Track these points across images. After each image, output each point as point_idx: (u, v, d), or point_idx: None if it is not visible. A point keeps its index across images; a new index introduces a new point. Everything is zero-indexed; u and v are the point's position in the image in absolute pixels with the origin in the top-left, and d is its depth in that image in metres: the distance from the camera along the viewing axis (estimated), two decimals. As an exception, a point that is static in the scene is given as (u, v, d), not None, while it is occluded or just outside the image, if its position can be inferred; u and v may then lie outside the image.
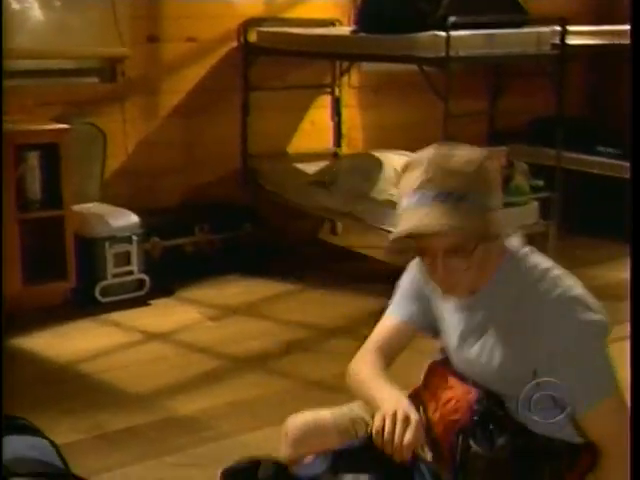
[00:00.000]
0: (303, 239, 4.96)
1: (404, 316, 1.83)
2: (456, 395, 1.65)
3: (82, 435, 2.73)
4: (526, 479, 1.60)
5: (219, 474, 1.63)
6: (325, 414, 1.73)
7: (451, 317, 1.74)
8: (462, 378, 1.69)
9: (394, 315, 1.85)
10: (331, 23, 4.93)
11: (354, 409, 1.77)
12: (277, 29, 4.70)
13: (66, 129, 3.85)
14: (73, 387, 3.15)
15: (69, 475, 1.80)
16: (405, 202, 1.60)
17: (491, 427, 1.58)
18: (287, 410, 2.88)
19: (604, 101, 5.77)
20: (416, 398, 1.70)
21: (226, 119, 4.73)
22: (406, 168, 1.62)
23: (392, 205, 4.25)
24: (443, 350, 1.82)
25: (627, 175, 4.92)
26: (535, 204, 4.20)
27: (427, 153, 1.61)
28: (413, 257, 1.79)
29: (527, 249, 1.69)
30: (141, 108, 4.50)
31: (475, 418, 1.59)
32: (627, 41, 5.22)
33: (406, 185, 1.60)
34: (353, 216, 4.31)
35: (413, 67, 4.05)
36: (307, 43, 4.51)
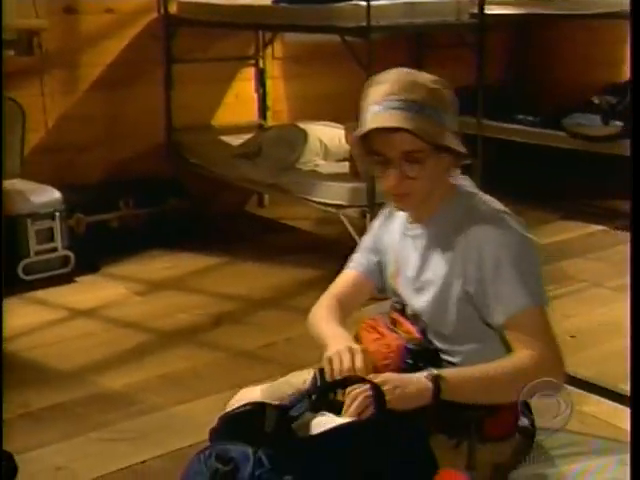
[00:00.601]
0: (229, 212, 4.95)
1: (360, 268, 1.91)
2: (386, 342, 1.71)
3: (8, 414, 2.68)
4: (449, 424, 1.66)
5: (216, 419, 1.61)
6: (256, 392, 1.76)
7: (404, 256, 1.81)
8: (394, 325, 1.76)
9: (351, 268, 1.93)
10: (253, -6, 4.90)
11: (282, 385, 1.79)
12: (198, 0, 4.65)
13: (-18, 104, 3.75)
14: (-2, 366, 3.09)
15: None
16: (371, 110, 1.70)
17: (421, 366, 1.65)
18: (216, 382, 2.92)
19: (524, 70, 5.87)
20: None
21: (149, 92, 4.67)
22: (372, 83, 1.74)
23: (318, 176, 4.30)
24: (392, 297, 1.88)
25: (545, 142, 5.06)
26: (457, 171, 4.25)
27: (394, 71, 1.74)
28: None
29: (475, 189, 1.80)
30: (60, 82, 4.40)
31: (407, 361, 1.65)
32: (545, 10, 5.34)
33: (373, 97, 1.70)
34: (279, 187, 4.31)
35: (336, 37, 4.05)
36: (229, 14, 4.47)
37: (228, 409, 1.70)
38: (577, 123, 4.81)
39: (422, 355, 1.68)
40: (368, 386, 1.55)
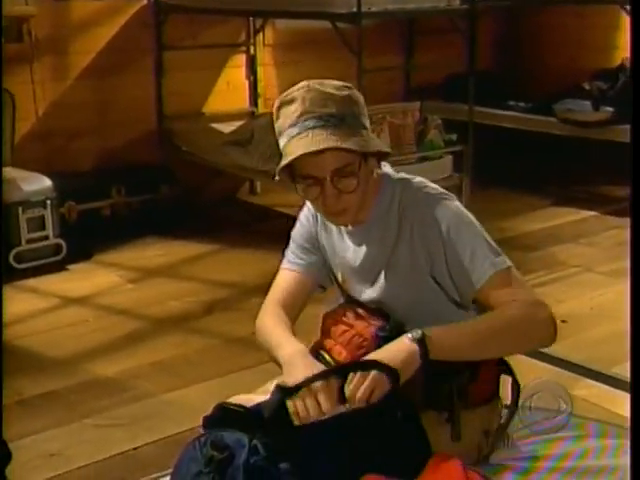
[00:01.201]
0: (221, 199, 4.94)
1: (298, 268, 1.85)
2: (357, 331, 1.69)
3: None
4: (432, 396, 1.66)
5: (212, 408, 1.61)
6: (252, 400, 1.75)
7: (347, 254, 1.78)
8: (358, 315, 1.74)
9: (289, 269, 1.87)
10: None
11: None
12: (188, -14, 4.63)
13: (-28, 92, 3.73)
14: (-10, 354, 3.09)
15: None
16: (286, 136, 1.64)
17: None
18: (208, 368, 2.92)
19: (515, 56, 5.87)
20: (319, 350, 1.73)
21: (140, 79, 4.65)
22: (280, 105, 1.67)
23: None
24: (344, 295, 1.85)
25: (536, 128, 5.06)
26: (449, 158, 4.27)
27: (298, 88, 1.67)
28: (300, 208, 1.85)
29: (400, 173, 1.77)
30: (50, 69, 4.38)
31: (382, 344, 1.63)
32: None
33: (285, 121, 1.64)
34: (271, 175, 4.28)
35: (327, 24, 4.04)
36: (219, 0, 4.45)
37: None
38: (568, 109, 4.81)
39: (394, 338, 1.64)
40: (373, 373, 1.51)
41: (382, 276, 1.73)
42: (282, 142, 1.66)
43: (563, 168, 5.25)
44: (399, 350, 1.55)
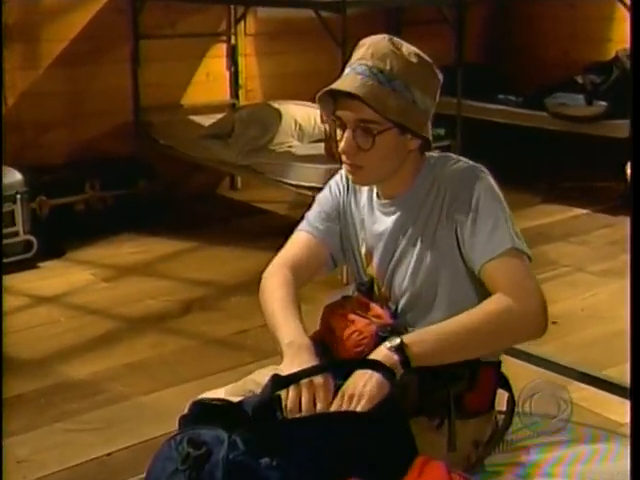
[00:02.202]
0: (200, 194, 4.93)
1: (317, 234, 1.83)
2: (358, 328, 1.68)
3: (-31, 405, 2.66)
4: (427, 401, 1.66)
5: (187, 406, 1.60)
6: (220, 394, 1.74)
7: (375, 227, 1.78)
8: (361, 309, 1.73)
9: (306, 231, 1.85)
10: (224, -34, 4.86)
11: (247, 384, 1.77)
12: (166, -28, 4.61)
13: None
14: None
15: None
16: (344, 72, 1.70)
17: None
18: (186, 370, 2.91)
19: (505, 47, 5.88)
20: (317, 343, 1.72)
21: (115, 69, 4.63)
22: (356, 46, 1.73)
23: (292, 157, 4.28)
24: (356, 278, 1.84)
25: (527, 123, 5.07)
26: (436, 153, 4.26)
27: (376, 37, 1.72)
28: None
29: (443, 153, 1.78)
30: (21, 57, 4.35)
31: (379, 344, 1.63)
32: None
33: (350, 61, 1.71)
34: (252, 169, 4.29)
35: (311, 12, 4.03)
36: (199, -13, 4.44)
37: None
38: (560, 103, 4.83)
39: None
40: (376, 375, 1.52)
41: (406, 248, 1.72)
42: None
43: (554, 164, 5.27)
44: (382, 359, 1.55)
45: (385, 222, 1.76)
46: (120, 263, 3.97)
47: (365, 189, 1.82)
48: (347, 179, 1.84)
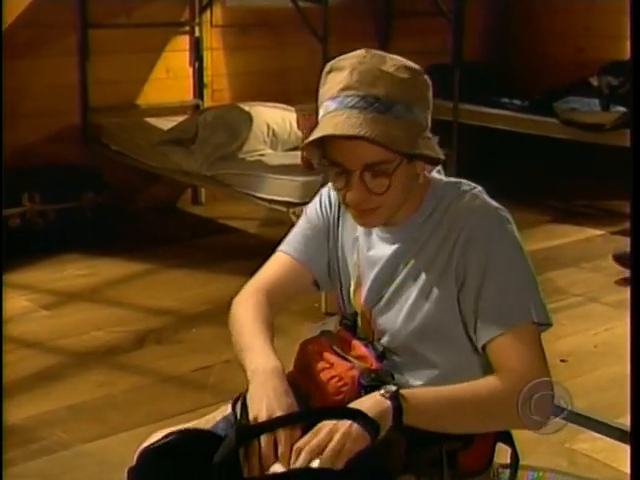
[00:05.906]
0: (158, 209, 4.94)
1: (298, 255, 1.83)
2: (338, 373, 1.68)
3: None
4: (418, 460, 1.66)
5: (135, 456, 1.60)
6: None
7: (371, 253, 1.77)
8: (343, 350, 1.73)
9: (287, 252, 1.85)
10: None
11: (208, 423, 1.77)
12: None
13: None
14: None
15: None
16: (324, 108, 1.64)
17: None
18: (138, 414, 2.90)
19: (509, 44, 5.94)
20: (290, 386, 1.72)
21: (59, 63, 4.64)
22: (330, 70, 1.66)
23: (264, 168, 4.30)
24: (340, 310, 1.85)
25: (534, 130, 5.11)
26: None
27: (354, 55, 1.65)
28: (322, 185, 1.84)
29: (452, 178, 1.76)
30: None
31: (362, 393, 1.62)
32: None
33: (327, 90, 1.64)
34: (218, 181, 4.30)
35: (287, 2, 4.06)
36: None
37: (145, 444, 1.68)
38: (571, 108, 4.88)
39: (378, 388, 1.61)
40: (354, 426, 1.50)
41: (404, 283, 1.71)
42: (320, 114, 1.66)
43: (565, 178, 5.32)
44: (372, 405, 1.55)
45: (382, 249, 1.76)
46: (63, 288, 3.96)
47: None
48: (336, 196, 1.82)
